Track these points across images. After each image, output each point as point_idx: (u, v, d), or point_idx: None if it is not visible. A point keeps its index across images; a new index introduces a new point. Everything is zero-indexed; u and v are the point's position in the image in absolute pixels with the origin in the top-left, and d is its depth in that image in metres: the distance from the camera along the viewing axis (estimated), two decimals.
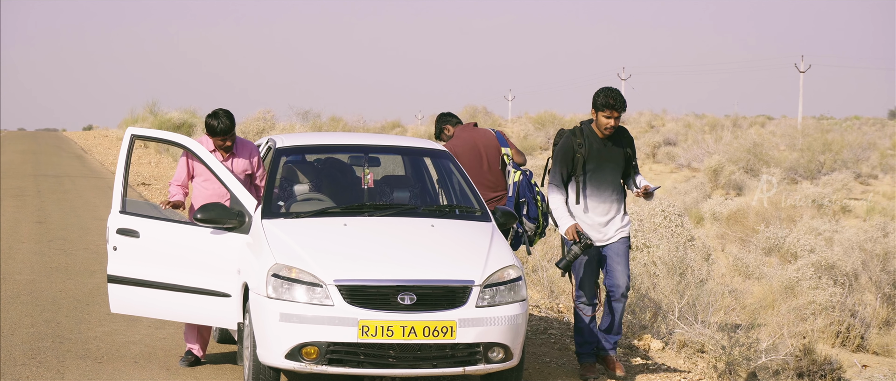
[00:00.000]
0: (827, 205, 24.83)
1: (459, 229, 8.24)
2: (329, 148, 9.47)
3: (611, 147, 8.67)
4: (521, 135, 49.29)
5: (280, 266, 7.51)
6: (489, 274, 7.59)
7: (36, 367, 8.58)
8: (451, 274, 7.54)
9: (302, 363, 7.38)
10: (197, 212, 8.27)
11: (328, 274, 7.43)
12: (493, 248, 7.87)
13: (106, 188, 22.55)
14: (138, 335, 9.72)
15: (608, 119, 8.57)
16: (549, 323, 11.00)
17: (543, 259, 12.73)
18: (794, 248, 17.04)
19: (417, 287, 7.41)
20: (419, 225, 8.19)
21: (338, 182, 9.03)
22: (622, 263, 8.66)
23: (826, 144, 38.99)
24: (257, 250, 7.87)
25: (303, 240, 7.80)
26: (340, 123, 42.78)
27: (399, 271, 7.48)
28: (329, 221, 8.18)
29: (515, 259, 7.88)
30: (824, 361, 11.47)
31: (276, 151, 8.82)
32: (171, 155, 31.74)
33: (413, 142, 9.66)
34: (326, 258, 7.56)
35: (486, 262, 7.67)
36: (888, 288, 14.31)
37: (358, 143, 9.52)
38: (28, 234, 15.26)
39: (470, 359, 7.49)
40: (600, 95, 8.56)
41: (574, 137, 8.66)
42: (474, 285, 7.50)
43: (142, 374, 8.52)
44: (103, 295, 11.24)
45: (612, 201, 8.67)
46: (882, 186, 35.33)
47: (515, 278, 7.71)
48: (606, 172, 8.63)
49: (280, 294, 7.45)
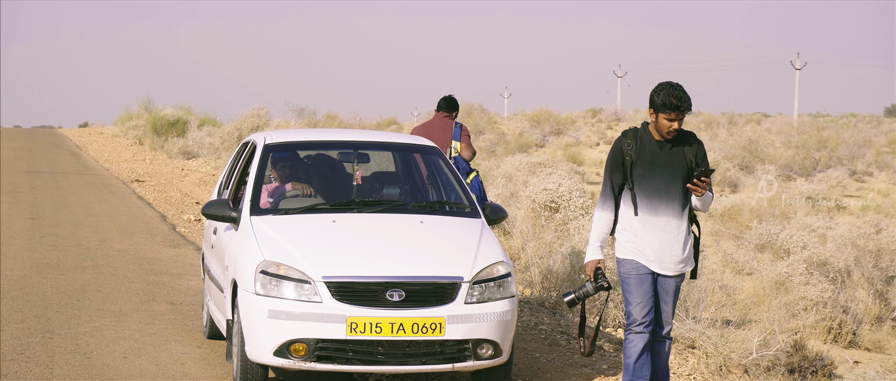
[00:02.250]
0: (821, 202, 24.84)
1: (448, 226, 8.26)
2: (318, 144, 9.46)
3: (669, 151, 7.20)
4: (517, 132, 49.29)
5: (268, 263, 7.53)
6: (478, 270, 7.61)
7: (25, 362, 8.57)
8: (439, 270, 7.56)
9: (290, 359, 7.39)
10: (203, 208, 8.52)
11: (316, 271, 7.44)
12: (483, 244, 7.88)
13: (100, 185, 22.54)
14: (128, 330, 9.70)
15: (671, 122, 7.10)
16: (539, 319, 10.99)
17: (535, 255, 12.71)
18: (788, 244, 17.03)
19: (406, 284, 7.42)
20: (408, 221, 8.21)
21: (327, 179, 9.01)
22: (670, 302, 7.31)
23: (821, 141, 38.99)
24: (245, 247, 7.87)
25: (291, 236, 7.80)
26: (336, 120, 42.76)
27: (387, 268, 7.50)
28: (317, 217, 8.20)
29: (505, 256, 7.87)
30: (816, 357, 11.47)
31: (265, 147, 8.82)
32: (166, 152, 31.71)
33: (402, 138, 9.73)
34: (315, 255, 7.57)
35: (475, 258, 7.68)
36: (881, 284, 14.31)
37: (347, 139, 9.48)
38: (20, 230, 15.24)
39: (459, 356, 7.51)
40: (660, 92, 7.11)
41: (624, 138, 7.29)
42: (463, 282, 7.52)
43: (131, 369, 8.51)
44: (94, 291, 11.24)
45: (669, 217, 7.17)
46: (877, 184, 35.35)
47: (504, 275, 7.71)
48: (659, 180, 7.15)
49: (268, 291, 7.46)
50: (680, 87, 7.10)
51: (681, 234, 7.18)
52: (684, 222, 7.20)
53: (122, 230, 15.72)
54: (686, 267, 7.29)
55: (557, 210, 15.55)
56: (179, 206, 19.23)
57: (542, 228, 13.86)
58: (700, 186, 7.10)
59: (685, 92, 7.09)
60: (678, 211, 7.16)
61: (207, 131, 32.77)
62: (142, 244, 14.50)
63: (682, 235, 7.19)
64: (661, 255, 7.18)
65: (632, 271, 7.21)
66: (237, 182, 9.03)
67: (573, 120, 58.87)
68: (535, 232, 13.42)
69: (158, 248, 14.30)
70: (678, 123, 7.10)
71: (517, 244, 13.68)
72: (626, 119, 64.51)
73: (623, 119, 65.01)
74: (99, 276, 12.09)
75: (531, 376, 8.81)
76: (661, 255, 7.18)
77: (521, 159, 28.34)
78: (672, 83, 7.11)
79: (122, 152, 33.00)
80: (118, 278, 12.05)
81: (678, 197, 7.16)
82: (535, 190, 15.92)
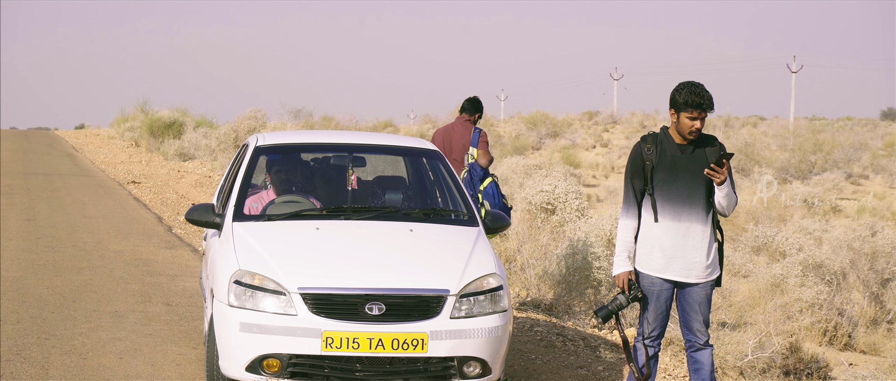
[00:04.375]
0: (817, 205, 24.88)
1: (440, 234, 7.79)
2: (311, 147, 9.06)
3: (690, 155, 7.02)
4: (514, 134, 49.31)
5: (243, 272, 7.14)
6: (466, 283, 7.13)
7: (21, 363, 8.56)
8: (423, 283, 7.09)
9: (263, 376, 7.02)
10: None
11: (292, 281, 7.02)
12: (475, 254, 7.41)
13: (96, 186, 22.53)
14: (124, 331, 9.70)
15: (694, 121, 6.92)
16: (535, 321, 11.00)
17: (531, 257, 12.73)
18: (783, 247, 17.06)
19: (387, 296, 6.97)
20: (397, 230, 7.77)
21: (319, 183, 8.66)
22: (702, 311, 7.11)
23: (817, 144, 39.06)
24: (223, 255, 7.49)
25: (270, 245, 7.42)
26: (332, 122, 42.78)
27: (368, 279, 7.04)
28: (302, 224, 7.80)
29: (498, 267, 7.40)
30: (811, 359, 11.49)
31: (256, 149, 8.45)
32: (162, 154, 31.71)
33: (401, 140, 9.22)
34: (292, 265, 7.16)
35: (464, 270, 7.21)
36: (876, 287, 14.34)
37: (341, 142, 9.07)
38: (16, 231, 15.23)
39: (444, 374, 7.05)
40: (682, 91, 6.94)
41: (644, 143, 7.12)
42: (449, 295, 7.05)
43: (127, 371, 8.50)
44: (90, 292, 11.23)
45: (691, 222, 6.98)
46: (873, 187, 35.38)
47: (496, 288, 7.23)
48: (681, 184, 6.98)
49: (242, 303, 7.06)
50: (701, 85, 6.92)
51: (705, 239, 6.97)
52: (708, 228, 6.99)
53: (118, 232, 15.72)
54: (712, 274, 7.06)
55: (553, 212, 15.58)
56: (175, 207, 19.22)
57: (539, 230, 13.88)
58: (718, 173, 6.83)
59: (707, 90, 6.92)
60: (702, 216, 6.96)
61: (204, 133, 32.77)
62: (138, 246, 14.50)
63: (707, 241, 6.98)
64: (684, 262, 6.97)
65: (649, 287, 7.05)
66: (230, 186, 8.55)
67: (569, 122, 58.94)
68: (531, 234, 13.44)
69: (154, 249, 14.29)
70: (700, 122, 6.91)
71: (513, 246, 13.70)
72: (622, 122, 64.58)
73: (619, 122, 65.10)
74: (95, 277, 12.08)
75: (527, 377, 8.82)
76: (683, 262, 6.97)
77: (518, 162, 28.37)
78: (693, 82, 6.93)
79: (119, 154, 32.99)
80: (114, 279, 12.04)
81: (701, 202, 6.96)
82: (531, 192, 15.95)
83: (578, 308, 11.84)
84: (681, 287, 7.05)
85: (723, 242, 7.14)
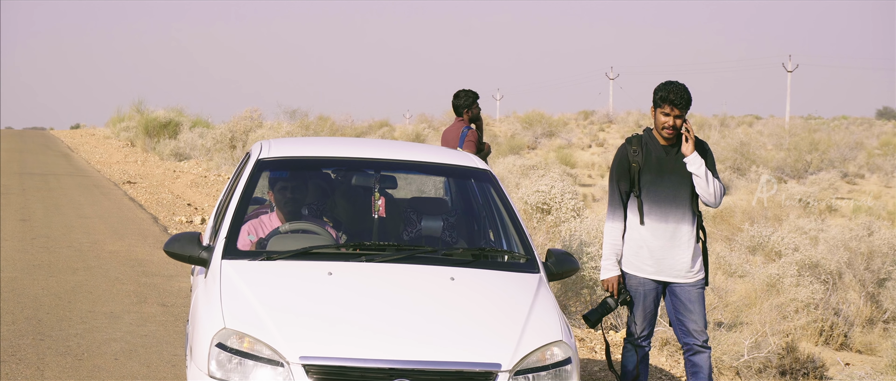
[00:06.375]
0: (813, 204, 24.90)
1: (490, 285, 6.06)
2: (329, 162, 7.21)
3: (675, 156, 7.02)
4: (509, 134, 49.31)
5: (229, 332, 5.39)
6: (524, 355, 5.44)
7: (16, 364, 8.55)
8: (467, 354, 5.37)
9: None
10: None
11: (293, 348, 5.29)
12: (535, 313, 5.74)
13: (91, 186, 22.51)
14: (119, 332, 9.69)
15: (666, 117, 6.92)
16: None
17: None
18: (779, 246, 17.07)
19: (418, 372, 5.26)
20: (435, 277, 6.01)
21: (340, 202, 7.11)
22: (698, 310, 7.04)
23: (813, 143, 39.10)
24: (206, 305, 5.74)
25: (267, 294, 5.69)
26: (328, 122, 42.72)
27: (394, 348, 5.32)
28: (311, 267, 6.02)
29: (566, 331, 5.73)
30: (807, 359, 11.50)
31: (258, 163, 6.79)
32: (158, 154, 31.70)
33: (442, 156, 7.22)
34: (294, 324, 5.44)
35: (521, 335, 5.54)
36: (872, 287, 14.34)
37: (367, 156, 7.10)
38: (11, 231, 15.21)
39: None
40: (659, 89, 6.95)
41: (629, 144, 7.04)
42: (501, 371, 5.35)
43: (122, 371, 8.49)
44: (86, 293, 11.22)
45: (677, 223, 6.97)
46: (869, 186, 35.43)
47: (563, 362, 5.54)
48: (667, 186, 6.96)
49: (226, 374, 5.32)
50: (680, 84, 6.92)
51: (691, 240, 6.99)
52: (693, 228, 7.02)
53: (113, 232, 15.70)
54: (700, 273, 7.08)
55: (549, 212, 15.57)
56: (171, 208, 19.21)
57: (535, 230, 13.88)
58: (687, 135, 6.93)
59: (684, 88, 6.91)
60: (688, 217, 6.99)
61: (199, 133, 32.77)
62: (133, 246, 14.48)
63: (692, 241, 7.00)
64: (673, 263, 6.98)
65: (637, 287, 7.04)
66: (224, 209, 6.71)
67: (565, 122, 58.99)
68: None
69: (150, 249, 14.28)
70: (673, 119, 6.91)
71: None
72: (617, 121, 64.63)
73: (615, 121, 65.15)
74: (90, 278, 12.07)
75: None
76: (672, 263, 6.98)
77: (514, 161, 28.36)
78: (673, 80, 6.93)
79: (114, 154, 32.98)
80: (109, 279, 12.03)
81: (687, 202, 6.99)
82: (527, 192, 15.94)
83: (574, 308, 11.84)
84: (670, 288, 7.07)
85: (705, 240, 7.14)
